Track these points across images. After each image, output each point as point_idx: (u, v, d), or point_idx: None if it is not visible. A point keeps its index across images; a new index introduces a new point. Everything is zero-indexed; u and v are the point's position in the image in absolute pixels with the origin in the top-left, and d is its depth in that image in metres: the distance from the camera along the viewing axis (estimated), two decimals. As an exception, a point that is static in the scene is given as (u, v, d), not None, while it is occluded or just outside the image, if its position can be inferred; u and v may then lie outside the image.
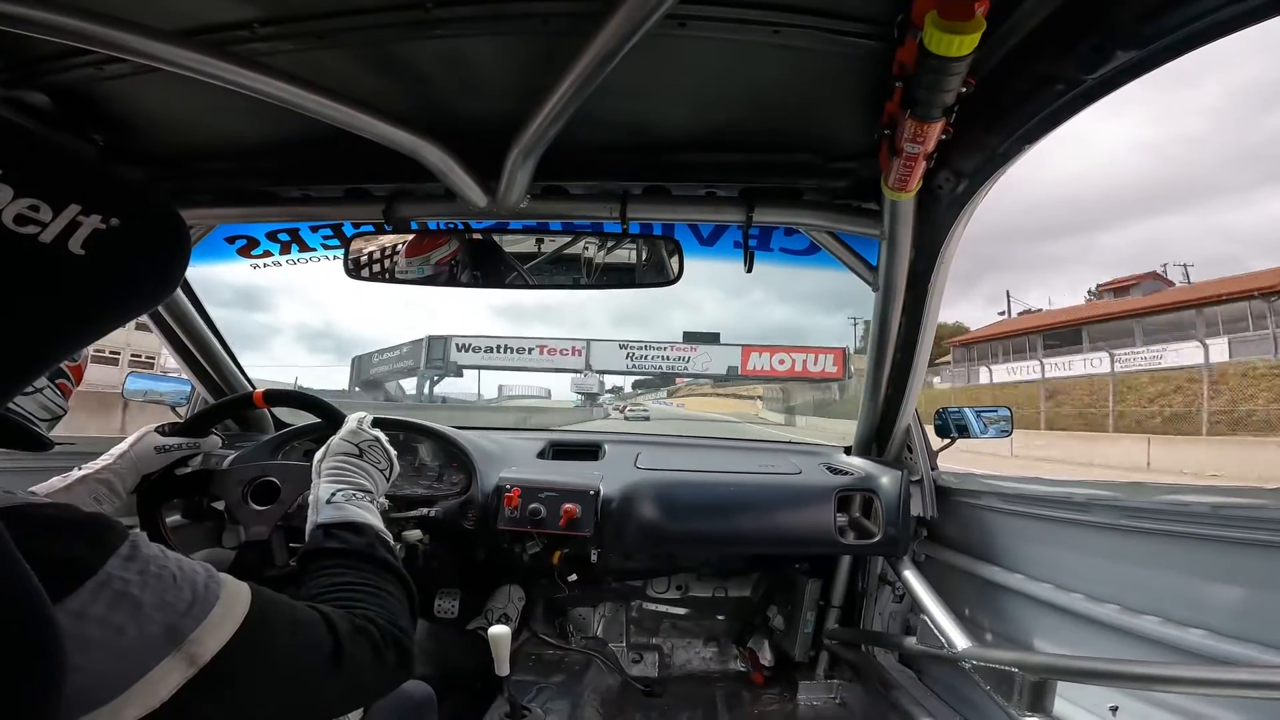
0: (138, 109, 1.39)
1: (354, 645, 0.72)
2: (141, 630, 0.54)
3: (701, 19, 1.03)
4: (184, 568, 0.61)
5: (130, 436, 1.31)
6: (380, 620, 0.78)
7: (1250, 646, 1.07)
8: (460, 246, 1.73)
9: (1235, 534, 1.12)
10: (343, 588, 0.83)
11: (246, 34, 1.10)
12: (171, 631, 0.56)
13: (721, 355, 32.43)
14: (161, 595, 0.57)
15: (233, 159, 1.57)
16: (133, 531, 0.61)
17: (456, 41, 1.13)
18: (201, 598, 0.59)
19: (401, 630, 0.81)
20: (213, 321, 2.16)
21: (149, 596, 0.56)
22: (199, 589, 0.60)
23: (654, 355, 33.38)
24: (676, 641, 2.61)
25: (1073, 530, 1.52)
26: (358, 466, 1.09)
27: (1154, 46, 0.84)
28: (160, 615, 0.56)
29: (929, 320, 1.69)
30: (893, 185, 1.25)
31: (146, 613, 0.55)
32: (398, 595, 0.87)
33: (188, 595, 0.58)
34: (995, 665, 1.28)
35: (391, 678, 0.79)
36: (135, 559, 0.57)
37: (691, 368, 33.45)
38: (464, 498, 1.84)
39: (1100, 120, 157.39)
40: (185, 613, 0.57)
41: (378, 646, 0.75)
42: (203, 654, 0.57)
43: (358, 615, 0.77)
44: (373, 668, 0.74)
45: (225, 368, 2.22)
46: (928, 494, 2.00)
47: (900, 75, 1.01)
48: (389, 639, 0.77)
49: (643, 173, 1.54)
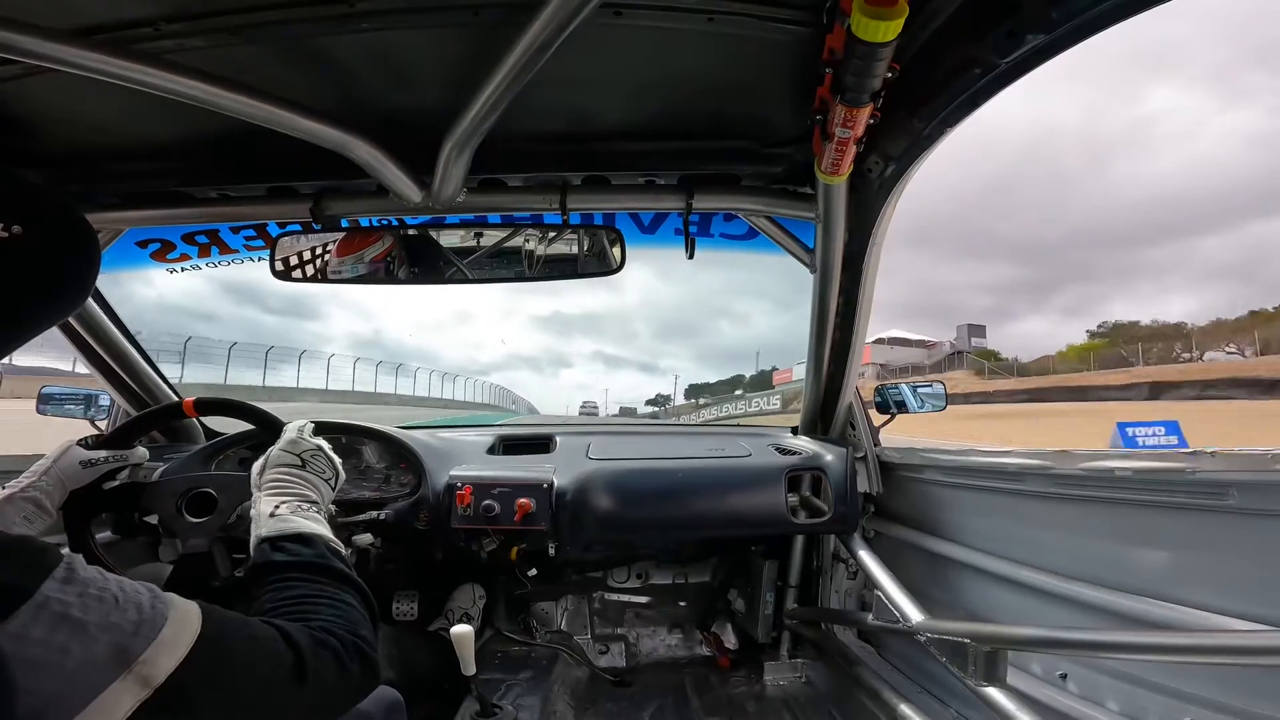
0: (35, 110, 1.30)
1: (316, 658, 0.70)
2: (87, 651, 0.52)
3: (637, 8, 1.03)
4: (126, 589, 0.59)
5: (52, 451, 1.24)
6: (340, 631, 0.76)
7: (1181, 609, 1.12)
8: (395, 243, 1.68)
9: (1158, 498, 1.18)
10: (297, 600, 0.80)
11: (150, 31, 1.04)
12: (120, 652, 0.54)
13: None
14: (105, 616, 0.55)
15: (142, 159, 1.49)
16: (67, 554, 0.58)
17: (383, 34, 1.09)
18: (149, 618, 0.57)
19: (363, 640, 0.78)
20: (128, 329, 2.04)
21: (92, 618, 0.54)
22: (144, 609, 0.58)
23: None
24: (641, 630, 2.63)
25: (1008, 500, 1.58)
26: (300, 478, 1.05)
27: (1062, 29, 0.88)
28: (106, 636, 0.54)
29: (865, 299, 1.74)
30: (825, 170, 1.27)
31: (91, 634, 0.53)
32: (355, 604, 0.84)
33: (133, 616, 0.56)
34: (949, 637, 1.31)
35: (358, 688, 0.77)
36: (73, 581, 0.55)
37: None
38: (414, 498, 1.80)
39: (1213, 114, 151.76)
40: (133, 633, 0.55)
41: (341, 657, 0.73)
42: (155, 675, 0.55)
43: (316, 627, 0.74)
44: (337, 680, 0.72)
45: (145, 377, 2.11)
46: (872, 470, 2.06)
47: (830, 61, 1.03)
48: (351, 649, 0.75)
49: (582, 163, 1.53)
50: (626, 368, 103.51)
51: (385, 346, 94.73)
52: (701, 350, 70.60)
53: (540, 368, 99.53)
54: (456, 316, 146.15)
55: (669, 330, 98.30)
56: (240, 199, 1.60)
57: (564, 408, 32.89)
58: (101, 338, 1.95)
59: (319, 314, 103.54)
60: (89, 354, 1.98)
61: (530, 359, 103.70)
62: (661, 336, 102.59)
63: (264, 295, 49.63)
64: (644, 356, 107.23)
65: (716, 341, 73.91)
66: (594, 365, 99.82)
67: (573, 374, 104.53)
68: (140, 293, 14.68)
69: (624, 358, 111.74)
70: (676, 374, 44.42)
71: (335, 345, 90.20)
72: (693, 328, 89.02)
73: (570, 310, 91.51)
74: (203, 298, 43.17)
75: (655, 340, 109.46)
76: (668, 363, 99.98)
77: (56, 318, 0.68)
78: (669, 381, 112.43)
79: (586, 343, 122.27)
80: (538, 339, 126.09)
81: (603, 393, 74.01)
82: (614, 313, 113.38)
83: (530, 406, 38.09)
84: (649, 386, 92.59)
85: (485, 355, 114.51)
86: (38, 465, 1.19)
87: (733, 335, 61.65)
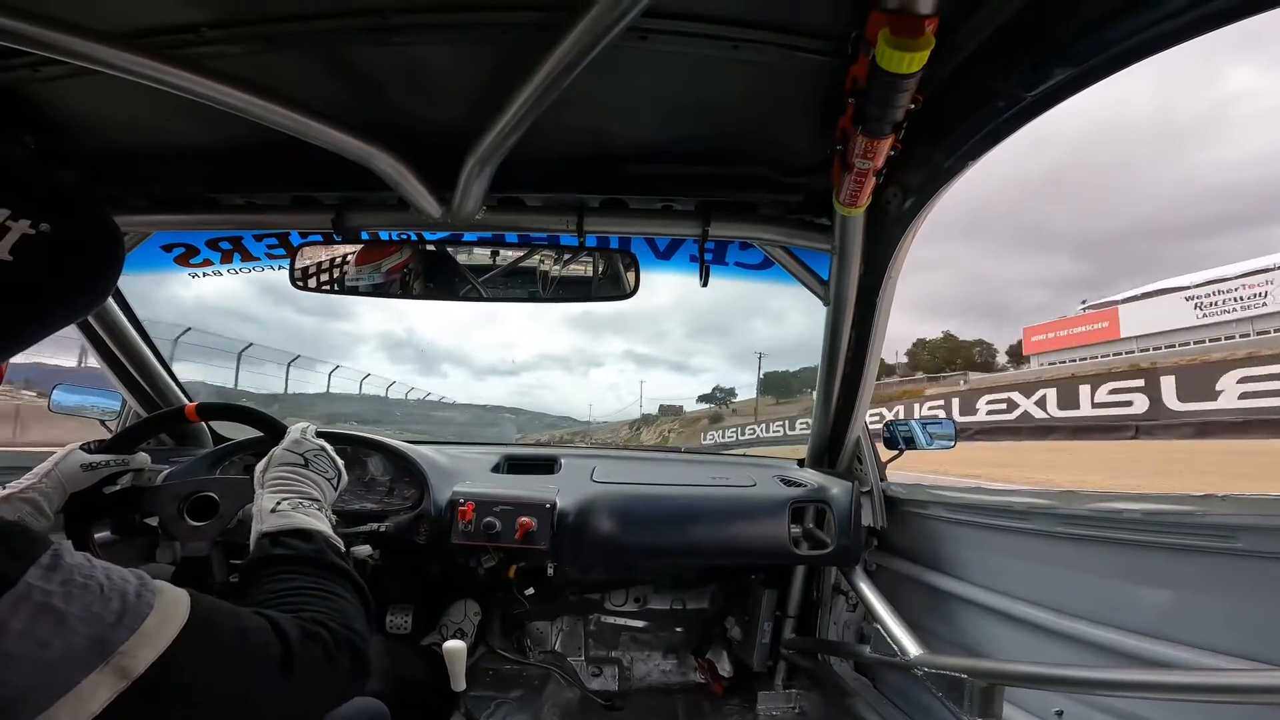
0: (74, 111, 1.33)
1: (304, 651, 0.69)
2: (67, 643, 0.52)
3: (663, 33, 1.04)
4: (113, 577, 0.58)
5: (55, 454, 1.24)
6: (332, 623, 0.75)
7: (1181, 649, 1.11)
8: (413, 255, 1.70)
9: (1166, 539, 1.17)
10: (291, 593, 0.79)
11: (192, 37, 1.06)
12: (99, 644, 0.53)
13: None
14: (88, 607, 0.54)
15: (173, 163, 1.51)
16: (56, 541, 0.58)
17: (414, 49, 1.11)
18: (133, 608, 0.57)
19: (355, 633, 0.77)
20: (146, 331, 2.06)
21: (74, 608, 0.53)
22: (129, 599, 0.57)
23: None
24: (636, 654, 2.60)
25: (1014, 538, 1.57)
26: (303, 476, 1.06)
27: (1091, 62, 0.88)
28: (86, 628, 0.53)
29: (877, 334, 1.74)
30: (844, 200, 1.28)
31: (71, 625, 0.52)
32: (350, 599, 0.84)
33: (116, 606, 0.56)
34: (946, 672, 1.30)
35: (345, 684, 0.75)
36: (57, 569, 0.55)
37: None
38: (416, 512, 1.80)
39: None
40: (115, 624, 0.55)
41: (330, 651, 0.72)
42: (135, 666, 0.54)
43: (307, 619, 0.73)
44: (325, 674, 0.71)
45: (159, 380, 2.13)
46: (877, 504, 2.05)
47: (853, 91, 1.04)
48: (341, 642, 0.74)
49: (600, 185, 1.55)
50: (657, 366, 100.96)
51: (417, 346, 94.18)
52: (775, 338, 63.54)
53: (571, 367, 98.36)
54: (487, 317, 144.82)
55: (742, 312, 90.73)
56: (265, 207, 1.62)
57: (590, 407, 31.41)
58: (118, 337, 1.97)
59: (351, 314, 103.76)
60: (104, 353, 2.00)
61: (561, 358, 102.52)
62: (714, 330, 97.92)
63: (298, 296, 49.94)
64: (676, 356, 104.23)
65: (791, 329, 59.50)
66: (624, 364, 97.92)
67: (603, 373, 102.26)
68: (180, 294, 14.51)
69: (656, 357, 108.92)
70: (759, 353, 35.46)
71: (367, 345, 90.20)
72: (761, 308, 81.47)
73: (601, 310, 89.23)
74: (244, 299, 42.88)
75: (693, 337, 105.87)
76: (698, 360, 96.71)
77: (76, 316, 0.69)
78: (717, 376, 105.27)
79: (618, 342, 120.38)
80: (568, 338, 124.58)
81: (637, 385, 69.60)
82: (646, 311, 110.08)
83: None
84: (689, 384, 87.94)
85: (519, 354, 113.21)
86: (40, 467, 1.20)
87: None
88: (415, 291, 1.72)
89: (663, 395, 49.28)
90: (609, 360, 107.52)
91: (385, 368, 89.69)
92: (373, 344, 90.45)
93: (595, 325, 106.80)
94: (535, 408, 34.64)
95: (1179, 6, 0.76)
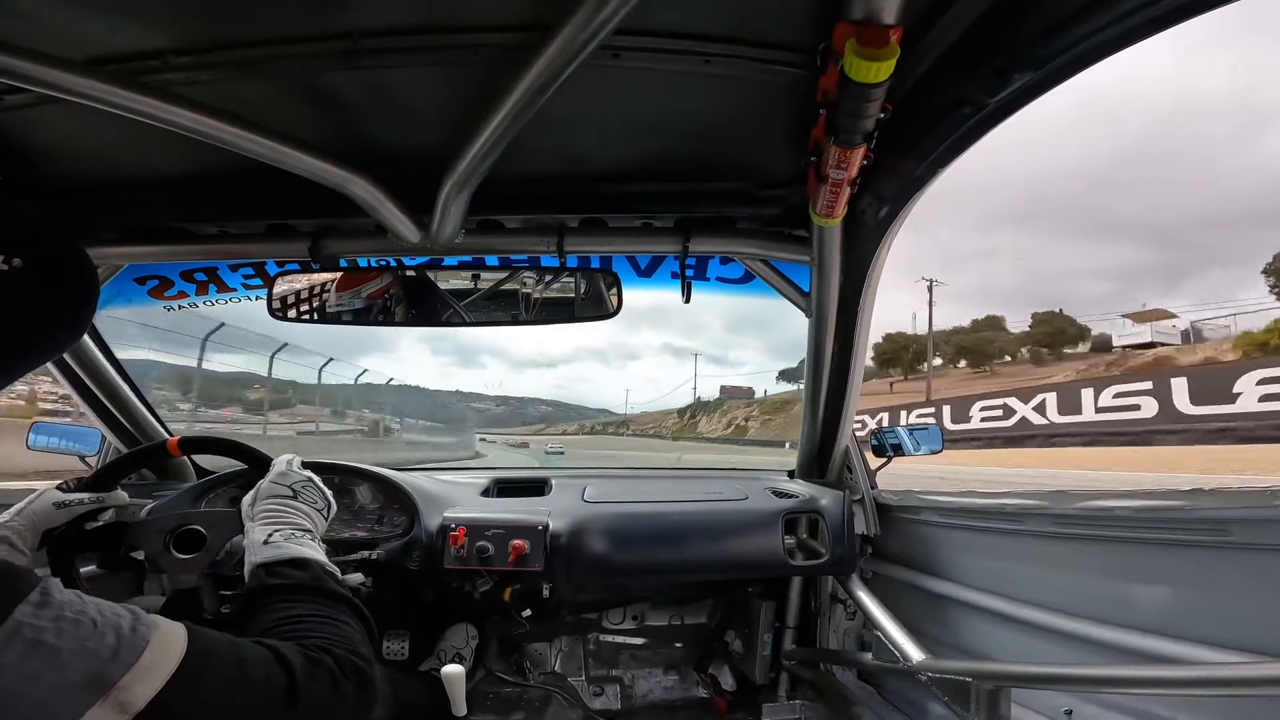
0: (40, 141, 1.31)
1: (309, 679, 0.68)
2: (62, 678, 0.51)
3: (636, 50, 1.05)
4: (105, 612, 0.57)
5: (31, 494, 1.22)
6: (336, 649, 0.74)
7: (1182, 644, 1.11)
8: (393, 280, 1.68)
9: (1158, 535, 1.17)
10: (292, 620, 0.78)
11: (159, 64, 1.05)
12: (96, 680, 0.52)
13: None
14: (81, 642, 0.53)
15: (144, 193, 1.50)
16: (44, 577, 0.57)
17: (386, 73, 1.11)
18: (128, 642, 0.56)
19: (360, 657, 0.76)
20: (123, 366, 2.03)
21: (67, 643, 0.52)
22: (124, 633, 0.56)
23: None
24: (637, 672, 2.57)
25: (1008, 540, 1.57)
26: (292, 507, 1.05)
27: (1050, 66, 0.90)
28: (81, 663, 0.52)
29: (860, 343, 1.74)
30: (820, 212, 1.29)
31: (65, 660, 0.51)
32: (353, 624, 0.83)
33: (111, 641, 0.55)
34: (950, 676, 1.30)
35: (353, 711, 0.74)
36: (48, 605, 0.54)
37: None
38: (407, 539, 1.78)
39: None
40: (110, 659, 0.54)
41: (335, 677, 0.71)
42: (134, 701, 0.53)
43: (311, 645, 0.72)
44: (331, 701, 0.70)
45: (139, 415, 2.09)
46: (869, 512, 2.04)
47: (824, 102, 1.05)
48: (347, 667, 0.73)
49: (579, 204, 1.55)
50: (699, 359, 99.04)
51: (457, 340, 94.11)
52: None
53: (608, 360, 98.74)
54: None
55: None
56: (239, 236, 1.61)
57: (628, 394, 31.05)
58: (94, 373, 1.93)
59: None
60: (81, 390, 1.96)
61: (598, 351, 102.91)
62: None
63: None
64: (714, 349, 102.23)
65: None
66: (661, 357, 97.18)
67: (640, 366, 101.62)
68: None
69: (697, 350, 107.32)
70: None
71: (408, 338, 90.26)
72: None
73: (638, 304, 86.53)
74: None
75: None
76: (735, 352, 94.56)
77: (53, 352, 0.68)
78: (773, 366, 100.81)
79: (653, 335, 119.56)
80: (604, 332, 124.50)
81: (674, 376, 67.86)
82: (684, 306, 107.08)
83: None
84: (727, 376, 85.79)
85: (555, 349, 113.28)
86: (16, 506, 1.18)
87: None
88: (397, 318, 1.70)
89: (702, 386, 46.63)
90: (646, 353, 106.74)
91: (427, 359, 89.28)
92: (413, 335, 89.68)
93: (632, 319, 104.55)
94: (572, 400, 34.65)
95: (1130, 8, 0.78)
